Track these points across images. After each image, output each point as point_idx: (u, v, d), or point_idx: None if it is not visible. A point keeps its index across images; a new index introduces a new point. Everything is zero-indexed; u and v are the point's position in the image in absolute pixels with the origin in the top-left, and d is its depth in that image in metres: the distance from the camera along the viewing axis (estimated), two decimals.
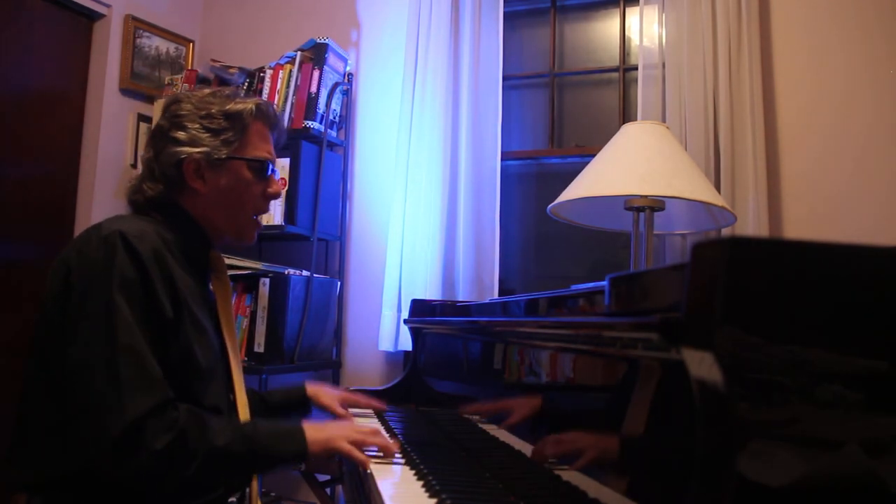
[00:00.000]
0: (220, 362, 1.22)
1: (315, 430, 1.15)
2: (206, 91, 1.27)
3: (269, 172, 1.29)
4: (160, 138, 1.23)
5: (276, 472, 1.15)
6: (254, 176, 1.26)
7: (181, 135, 1.20)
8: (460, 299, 2.37)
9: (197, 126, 1.21)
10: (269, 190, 1.29)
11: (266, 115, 1.29)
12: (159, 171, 1.21)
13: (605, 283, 0.79)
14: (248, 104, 1.25)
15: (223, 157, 1.22)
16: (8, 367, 2.33)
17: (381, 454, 1.17)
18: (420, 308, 2.02)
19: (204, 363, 1.13)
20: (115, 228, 1.07)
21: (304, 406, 1.50)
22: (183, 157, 1.19)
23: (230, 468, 1.08)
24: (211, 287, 1.30)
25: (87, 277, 1.04)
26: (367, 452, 1.17)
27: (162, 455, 0.98)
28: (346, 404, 1.52)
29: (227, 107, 1.23)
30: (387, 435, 1.30)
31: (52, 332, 1.06)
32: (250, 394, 1.46)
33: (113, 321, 1.01)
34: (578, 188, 1.90)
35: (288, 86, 2.58)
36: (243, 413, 1.26)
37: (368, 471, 1.10)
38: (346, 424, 1.26)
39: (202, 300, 1.20)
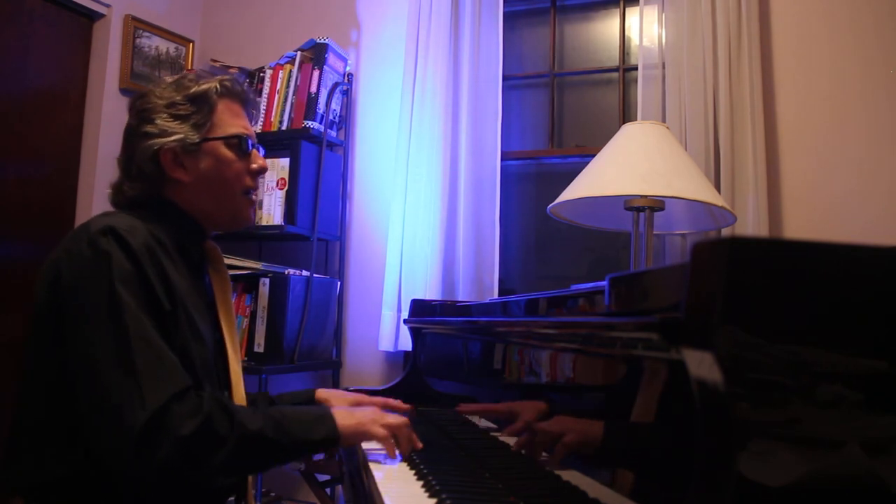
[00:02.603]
0: (217, 360, 1.20)
1: (344, 416, 1.14)
2: (170, 80, 1.24)
3: (250, 147, 1.25)
4: (131, 137, 1.21)
5: (301, 460, 1.14)
6: (234, 153, 1.23)
7: (150, 128, 1.18)
8: (460, 299, 2.37)
9: (164, 116, 1.19)
10: (254, 165, 1.26)
11: (232, 91, 1.25)
12: (136, 170, 1.19)
13: (605, 283, 0.79)
14: (212, 83, 1.22)
15: (197, 140, 1.19)
16: (8, 367, 2.33)
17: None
18: (420, 308, 2.02)
19: (199, 363, 1.11)
20: (105, 224, 1.05)
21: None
22: (156, 148, 1.17)
23: (262, 454, 1.05)
24: (208, 280, 1.27)
25: (82, 275, 1.02)
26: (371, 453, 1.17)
27: (189, 441, 0.95)
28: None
29: (191, 90, 1.20)
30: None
31: (46, 335, 1.04)
32: (261, 396, 1.45)
33: (120, 313, 0.98)
34: (578, 188, 1.90)
35: (288, 86, 2.58)
36: None
37: (396, 459, 1.13)
38: (374, 410, 1.22)
39: (198, 297, 1.18)
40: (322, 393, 1.45)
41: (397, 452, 1.17)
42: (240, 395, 1.25)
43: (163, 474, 0.95)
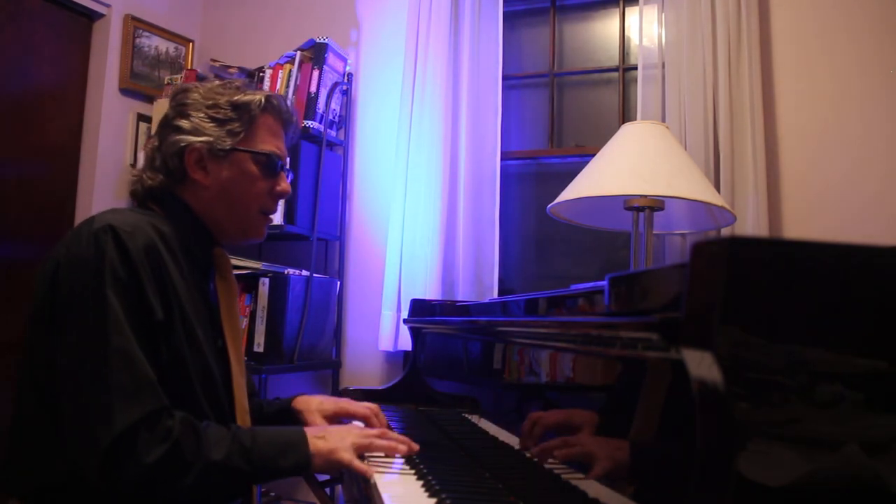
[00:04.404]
0: (219, 368, 1.16)
1: (319, 440, 1.08)
2: (217, 82, 1.22)
3: (278, 169, 1.23)
4: (165, 127, 1.19)
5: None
6: (260, 171, 1.20)
7: (185, 123, 1.16)
8: (460, 299, 2.37)
9: (202, 115, 1.16)
10: (277, 188, 1.23)
11: (277, 109, 1.23)
12: (160, 161, 1.17)
13: (604, 282, 0.79)
14: (258, 96, 1.20)
15: (227, 147, 1.16)
16: (8, 367, 2.33)
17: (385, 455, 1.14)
18: (420, 308, 2.02)
19: (195, 369, 1.08)
20: (107, 222, 1.01)
21: (293, 420, 1.34)
22: (184, 145, 1.15)
23: (227, 482, 1.02)
24: (213, 287, 1.24)
25: (76, 274, 1.00)
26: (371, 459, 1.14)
27: (154, 468, 0.93)
28: (339, 418, 1.35)
29: (236, 98, 1.18)
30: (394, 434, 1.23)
31: (42, 334, 1.02)
32: (253, 405, 1.38)
33: (104, 321, 0.96)
34: (578, 188, 1.90)
35: (287, 85, 2.58)
36: (242, 422, 1.19)
37: (372, 481, 1.05)
38: (350, 430, 1.15)
39: (200, 302, 1.15)
40: (298, 404, 1.36)
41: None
42: (242, 406, 1.21)
43: (127, 494, 0.94)
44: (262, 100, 1.20)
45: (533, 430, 1.03)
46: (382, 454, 1.15)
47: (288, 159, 1.30)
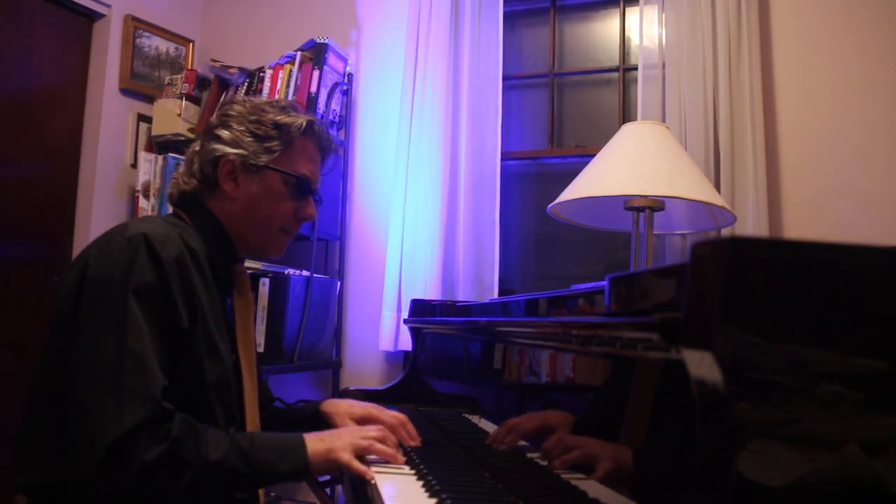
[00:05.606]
0: (232, 380, 1.17)
1: (317, 442, 1.09)
2: (264, 100, 1.26)
3: (307, 193, 1.26)
4: (207, 133, 1.23)
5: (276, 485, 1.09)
6: (288, 191, 1.22)
7: (225, 133, 1.20)
8: (460, 299, 2.37)
9: (243, 129, 1.20)
10: (302, 212, 1.26)
11: (317, 135, 1.26)
12: (198, 166, 1.20)
13: (604, 283, 0.79)
14: (300, 119, 1.23)
15: (260, 163, 1.19)
16: (9, 367, 2.33)
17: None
18: (420, 308, 2.02)
19: (213, 379, 1.09)
20: (141, 230, 1.04)
21: (323, 423, 1.32)
22: (219, 155, 1.19)
23: (225, 483, 1.03)
24: (230, 303, 1.25)
25: (104, 276, 1.02)
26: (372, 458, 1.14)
27: (153, 466, 0.94)
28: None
29: (279, 117, 1.21)
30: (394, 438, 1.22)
31: (62, 331, 1.04)
32: (283, 411, 1.41)
33: (124, 324, 0.98)
34: (578, 188, 1.90)
35: (288, 86, 2.58)
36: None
37: (372, 482, 1.04)
38: (350, 431, 1.17)
39: (220, 315, 1.16)
40: (326, 407, 1.35)
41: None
42: (253, 421, 1.22)
43: (125, 492, 0.96)
44: (304, 123, 1.23)
45: (533, 432, 1.03)
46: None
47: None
